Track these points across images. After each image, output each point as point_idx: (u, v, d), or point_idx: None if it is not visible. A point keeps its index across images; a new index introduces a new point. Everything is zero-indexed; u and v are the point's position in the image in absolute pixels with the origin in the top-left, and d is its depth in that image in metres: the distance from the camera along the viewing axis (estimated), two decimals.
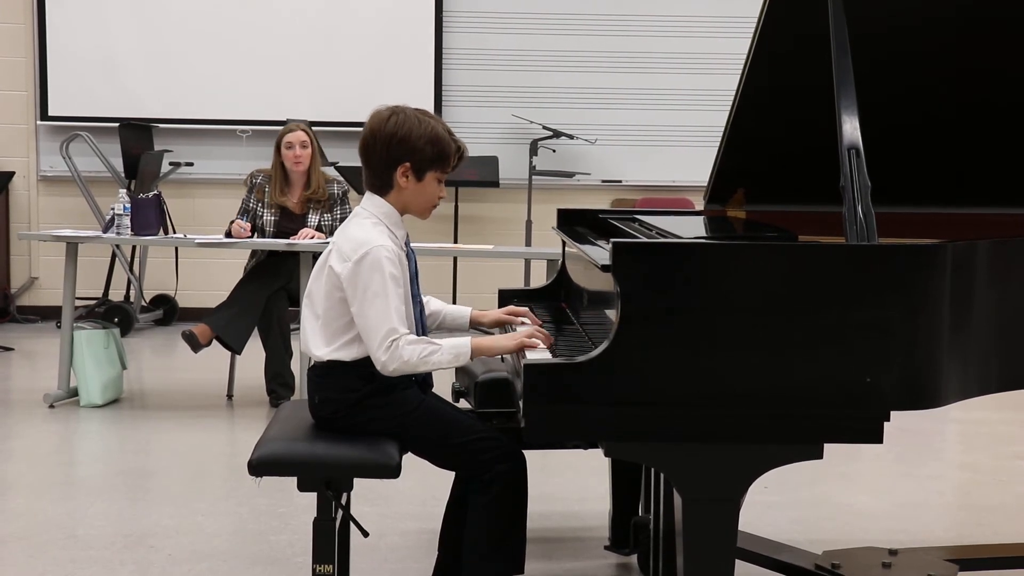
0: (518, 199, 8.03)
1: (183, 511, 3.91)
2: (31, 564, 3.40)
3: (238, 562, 3.44)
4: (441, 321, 3.03)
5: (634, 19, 8.16)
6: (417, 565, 3.38)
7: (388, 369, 2.66)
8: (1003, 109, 3.07)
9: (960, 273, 2.38)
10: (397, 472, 2.65)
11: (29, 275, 8.30)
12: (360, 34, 8.09)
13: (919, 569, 3.07)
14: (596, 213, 3.52)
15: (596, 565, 3.45)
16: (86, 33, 8.00)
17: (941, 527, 3.98)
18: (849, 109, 2.49)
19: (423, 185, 2.78)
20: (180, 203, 7.90)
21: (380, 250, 2.68)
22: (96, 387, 5.43)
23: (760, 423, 2.30)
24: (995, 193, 3.21)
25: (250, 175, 5.78)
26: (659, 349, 2.27)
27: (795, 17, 2.79)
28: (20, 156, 8.21)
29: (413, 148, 2.74)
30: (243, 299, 5.47)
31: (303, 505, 3.78)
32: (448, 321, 3.03)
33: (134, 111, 7.97)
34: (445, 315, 3.03)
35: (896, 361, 2.30)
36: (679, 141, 8.24)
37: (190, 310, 7.93)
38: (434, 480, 3.13)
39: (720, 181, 3.26)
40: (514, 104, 8.13)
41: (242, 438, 4.97)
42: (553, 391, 2.29)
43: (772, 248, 2.36)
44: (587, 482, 4.21)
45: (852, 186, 2.42)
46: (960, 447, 5.21)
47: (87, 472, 4.57)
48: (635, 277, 2.28)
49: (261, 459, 2.65)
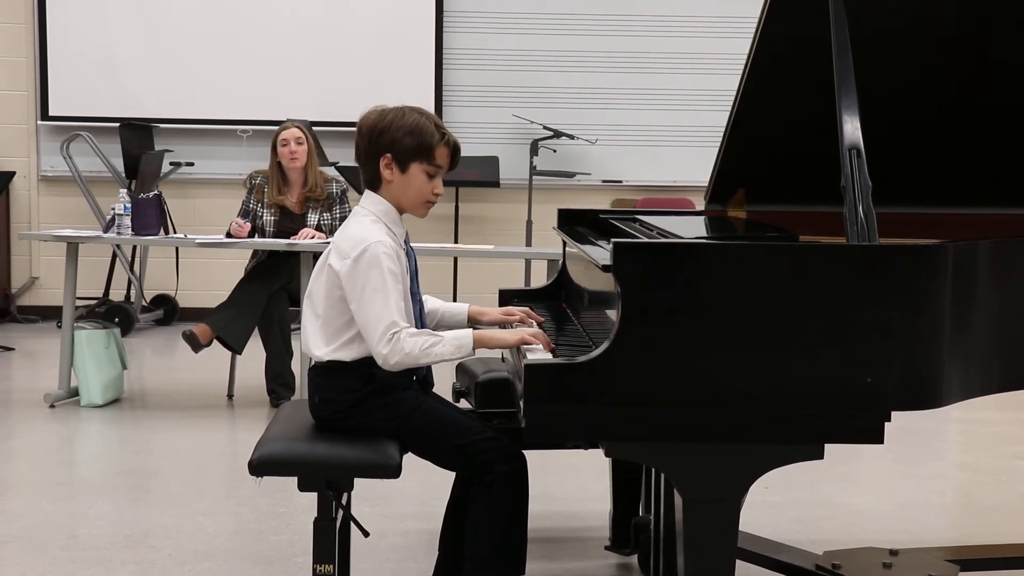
0: (519, 199, 8.03)
1: (184, 511, 3.91)
2: (31, 564, 3.40)
3: (238, 562, 3.44)
4: (439, 319, 3.03)
5: (635, 19, 8.15)
6: (417, 565, 3.38)
7: (390, 362, 2.66)
8: (1005, 109, 3.07)
9: (961, 273, 2.38)
10: (397, 472, 2.65)
11: (30, 275, 8.30)
12: (361, 34, 8.09)
13: (920, 569, 3.07)
14: (597, 213, 3.52)
15: (597, 565, 3.45)
16: (87, 33, 8.00)
17: (942, 527, 3.98)
18: (850, 109, 2.48)
19: (408, 178, 2.78)
20: (180, 203, 7.90)
21: (378, 246, 2.68)
22: (97, 387, 5.43)
23: (761, 423, 2.30)
24: (997, 193, 3.20)
25: (249, 176, 5.79)
26: (660, 349, 2.27)
27: (796, 17, 2.79)
28: (21, 156, 8.21)
29: (392, 139, 2.76)
30: (244, 299, 5.47)
31: (303, 505, 3.78)
32: (446, 319, 3.04)
33: (135, 111, 7.97)
34: (443, 313, 3.03)
35: (897, 361, 2.29)
36: (680, 141, 8.24)
37: (191, 310, 7.93)
38: (435, 480, 3.13)
39: (721, 181, 3.26)
40: (515, 104, 8.13)
41: (243, 438, 4.97)
42: (554, 391, 2.29)
43: (773, 248, 2.36)
44: (588, 482, 4.21)
45: (853, 186, 2.41)
46: (961, 447, 5.21)
47: (87, 472, 4.57)
48: (636, 277, 2.28)
49: (262, 459, 2.65)
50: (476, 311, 3.02)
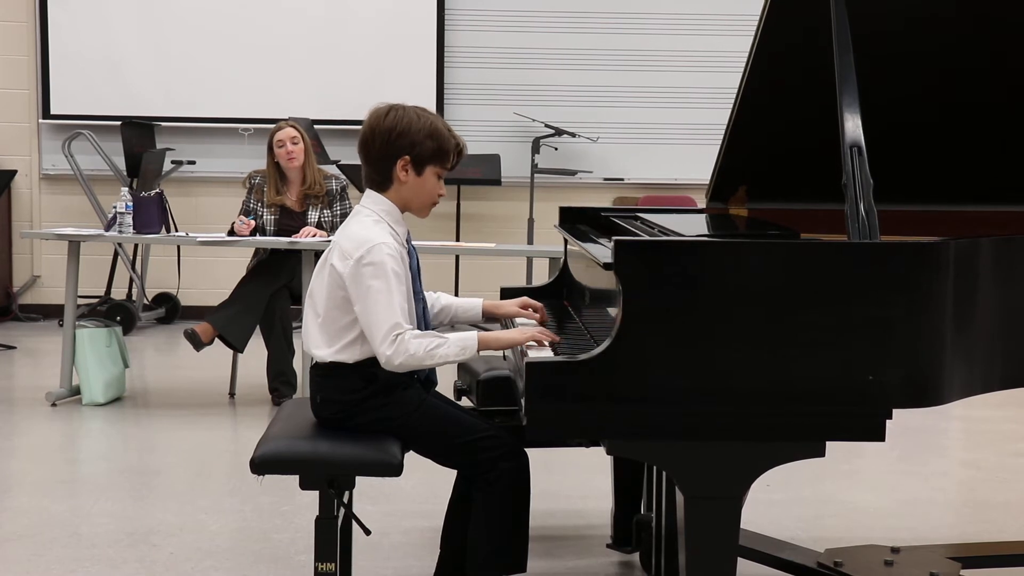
0: (520, 197, 8.03)
1: (186, 509, 3.91)
2: (34, 562, 3.41)
3: (241, 560, 3.44)
4: (453, 315, 3.03)
5: (636, 17, 8.14)
6: (419, 563, 3.38)
7: (394, 364, 2.65)
8: (1005, 107, 3.07)
9: (963, 271, 2.38)
10: (399, 470, 2.65)
11: (31, 273, 8.30)
12: (362, 32, 8.09)
13: (922, 567, 3.07)
14: (598, 211, 3.52)
15: (598, 563, 3.45)
16: (88, 31, 8.00)
17: (944, 525, 3.98)
18: (851, 106, 2.48)
19: (422, 180, 2.77)
20: (182, 201, 7.90)
21: (382, 247, 2.68)
22: (98, 385, 5.43)
23: (762, 421, 2.30)
24: (998, 191, 3.20)
25: (248, 176, 5.78)
26: (661, 347, 2.27)
27: (797, 14, 2.78)
28: (22, 154, 8.21)
29: (412, 142, 2.74)
30: (245, 297, 5.47)
31: (305, 503, 3.78)
32: (460, 314, 3.03)
33: (136, 109, 7.97)
34: (457, 309, 3.03)
35: (898, 359, 2.29)
36: (681, 139, 8.23)
37: (192, 308, 7.92)
38: (436, 478, 3.13)
39: (722, 179, 3.26)
40: (516, 102, 8.12)
41: (244, 436, 4.97)
42: (555, 389, 2.29)
43: (774, 246, 2.36)
44: (589, 480, 4.21)
45: (854, 184, 2.41)
46: (963, 445, 5.20)
47: (90, 470, 4.58)
48: (637, 275, 2.28)
49: (263, 457, 2.65)
50: (490, 305, 3.01)
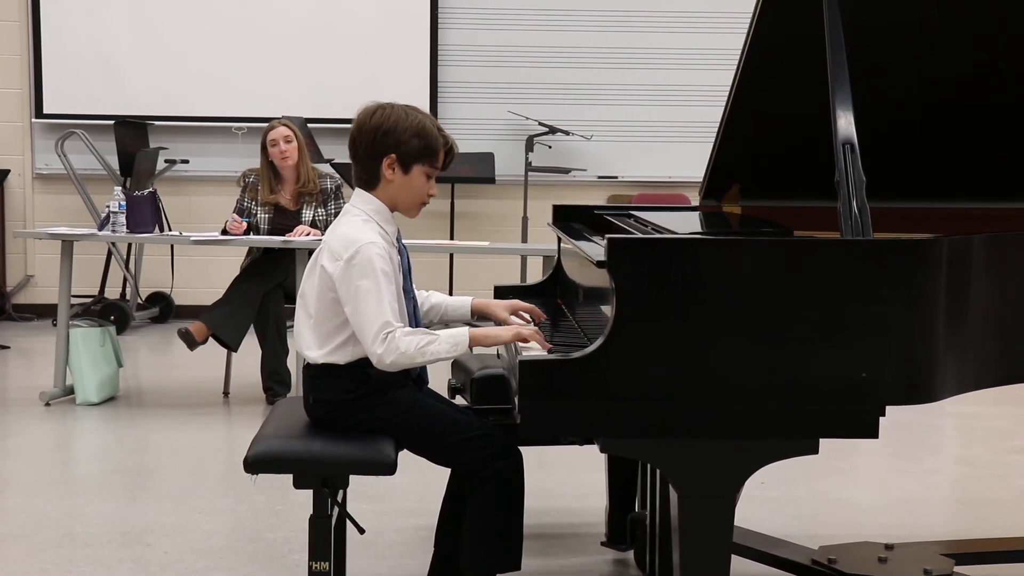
0: (514, 195, 8.02)
1: (180, 509, 3.91)
2: (28, 562, 3.40)
3: (235, 559, 3.44)
4: (443, 313, 3.02)
5: (630, 15, 8.14)
6: (414, 562, 3.38)
7: (385, 362, 2.65)
8: (998, 104, 3.07)
9: (956, 267, 2.39)
10: (393, 469, 2.65)
11: (25, 273, 8.28)
12: (356, 31, 8.08)
13: (916, 563, 3.07)
14: (592, 209, 3.52)
15: (593, 561, 3.46)
16: (81, 30, 7.98)
17: (938, 522, 3.98)
18: (844, 104, 2.49)
19: (409, 179, 2.77)
20: (176, 200, 7.89)
21: (370, 247, 2.68)
22: (92, 385, 5.42)
23: (755, 418, 2.30)
24: (990, 188, 3.21)
25: (242, 175, 5.77)
26: (655, 345, 2.27)
27: (790, 12, 2.78)
28: (15, 154, 8.20)
29: (399, 140, 2.74)
30: (239, 296, 5.47)
31: (299, 502, 3.78)
32: (450, 312, 3.03)
33: (129, 109, 7.96)
34: (447, 307, 3.03)
35: (892, 355, 2.30)
36: (675, 137, 8.23)
37: (186, 308, 7.92)
38: (430, 477, 3.13)
39: (715, 177, 3.26)
40: (510, 100, 8.12)
41: (239, 436, 4.96)
42: (549, 387, 2.29)
43: (767, 243, 2.36)
44: (584, 478, 4.21)
45: (847, 181, 2.42)
46: (956, 442, 5.21)
47: (84, 470, 4.57)
48: (630, 273, 2.28)
49: (257, 456, 2.65)
50: (480, 304, 3.00)
